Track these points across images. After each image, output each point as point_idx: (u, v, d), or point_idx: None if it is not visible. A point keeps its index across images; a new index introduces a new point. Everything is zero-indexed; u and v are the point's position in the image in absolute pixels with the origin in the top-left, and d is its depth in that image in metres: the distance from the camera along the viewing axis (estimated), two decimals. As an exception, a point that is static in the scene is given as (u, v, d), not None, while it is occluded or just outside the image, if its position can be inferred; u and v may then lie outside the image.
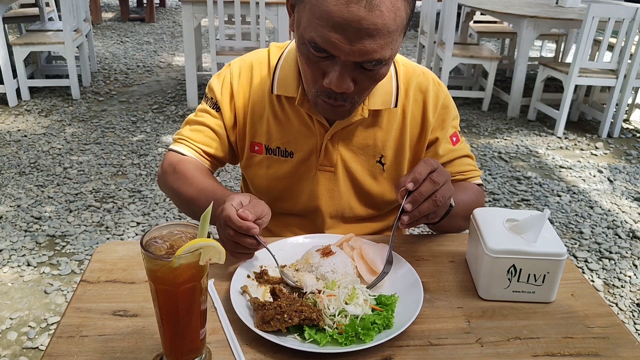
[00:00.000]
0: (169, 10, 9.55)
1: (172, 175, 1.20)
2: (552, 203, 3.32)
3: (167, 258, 0.72)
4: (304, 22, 0.95)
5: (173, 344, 0.80)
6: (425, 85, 1.21)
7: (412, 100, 1.20)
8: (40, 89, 4.83)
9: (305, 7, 0.94)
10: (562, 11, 4.64)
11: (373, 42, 0.91)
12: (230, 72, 1.23)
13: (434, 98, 1.21)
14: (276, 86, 1.18)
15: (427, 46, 5.49)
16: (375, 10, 0.88)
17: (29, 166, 3.45)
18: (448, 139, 1.24)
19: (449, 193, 1.00)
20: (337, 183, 1.23)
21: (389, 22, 0.91)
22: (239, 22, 4.19)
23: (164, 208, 3.03)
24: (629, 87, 4.21)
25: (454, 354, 0.85)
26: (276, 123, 1.21)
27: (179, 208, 1.27)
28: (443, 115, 1.22)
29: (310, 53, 0.97)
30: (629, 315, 2.36)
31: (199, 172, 1.20)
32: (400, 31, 0.95)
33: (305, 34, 0.95)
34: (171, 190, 1.22)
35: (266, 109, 1.21)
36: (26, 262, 2.48)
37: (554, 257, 0.95)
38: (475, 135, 4.36)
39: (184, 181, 1.18)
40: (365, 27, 0.89)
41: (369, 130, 1.20)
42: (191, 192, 1.16)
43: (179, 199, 1.21)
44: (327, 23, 0.90)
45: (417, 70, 1.22)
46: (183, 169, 1.19)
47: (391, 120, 1.20)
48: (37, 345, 2.00)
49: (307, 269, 0.99)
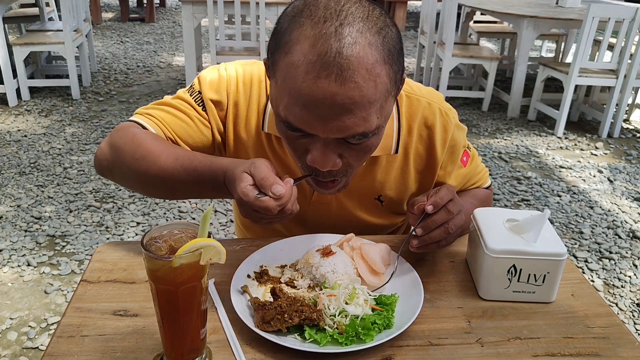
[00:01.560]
0: (169, 10, 9.55)
1: (131, 146, 0.98)
2: (552, 203, 3.32)
3: (168, 258, 0.72)
4: (277, 98, 0.86)
5: (173, 344, 0.80)
6: (431, 120, 1.09)
7: (417, 137, 1.10)
8: (40, 89, 4.83)
9: (277, 83, 0.85)
10: (562, 11, 4.64)
11: (352, 117, 0.80)
12: (227, 77, 1.10)
13: (441, 133, 1.10)
14: (267, 125, 1.08)
15: (427, 46, 5.49)
16: (349, 82, 0.78)
17: (29, 166, 3.45)
18: (460, 164, 1.16)
19: (460, 222, 0.98)
20: (330, 217, 1.17)
21: (368, 92, 0.79)
22: (239, 22, 4.20)
23: (164, 208, 3.03)
24: (629, 87, 4.21)
25: (454, 354, 0.85)
26: (274, 157, 1.12)
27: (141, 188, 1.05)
28: (453, 147, 1.13)
29: (287, 131, 0.87)
30: (629, 315, 2.36)
31: (167, 142, 1.03)
32: (386, 97, 0.84)
33: (279, 111, 0.86)
34: (128, 163, 0.99)
35: (263, 141, 1.11)
36: (26, 262, 2.48)
37: (554, 257, 0.95)
38: (475, 135, 4.36)
39: (149, 150, 0.97)
40: (340, 102, 0.79)
41: (367, 173, 1.11)
42: (162, 163, 0.96)
43: (143, 175, 0.99)
44: (298, 101, 0.81)
45: (422, 102, 1.09)
46: (148, 138, 1.00)
47: (391, 162, 1.11)
48: (37, 345, 2.00)
49: (307, 268, 0.99)
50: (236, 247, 1.10)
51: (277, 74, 0.85)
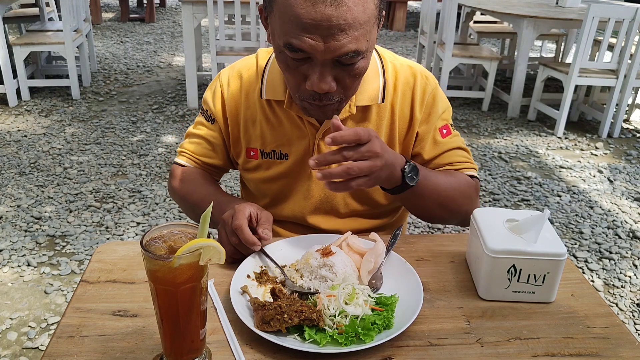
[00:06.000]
0: (169, 10, 9.55)
1: (177, 185, 1.30)
2: (552, 203, 3.32)
3: (167, 258, 0.72)
4: (277, 29, 0.99)
5: (173, 344, 0.80)
6: (412, 80, 1.21)
7: (400, 96, 1.21)
8: (40, 89, 4.84)
9: (276, 16, 0.98)
10: (562, 11, 4.64)
11: (346, 36, 0.94)
12: (220, 83, 1.26)
13: (420, 92, 1.21)
14: (265, 91, 1.20)
15: (427, 46, 5.49)
16: (342, 6, 0.92)
17: (29, 166, 3.45)
18: (437, 131, 1.23)
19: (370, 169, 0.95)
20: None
21: (358, 15, 0.94)
22: (239, 22, 4.19)
23: (164, 208, 3.03)
24: (629, 87, 4.20)
25: (454, 354, 0.85)
26: (269, 127, 1.22)
27: (188, 214, 1.37)
28: (430, 107, 1.22)
29: (288, 59, 1.00)
30: (629, 315, 2.36)
31: (202, 180, 1.29)
32: (373, 22, 0.98)
33: (280, 41, 0.98)
34: (178, 198, 1.32)
35: (258, 114, 1.23)
36: (26, 262, 2.48)
37: (554, 257, 0.95)
38: (475, 135, 4.36)
39: (188, 190, 1.28)
40: (336, 23, 0.92)
41: (359, 126, 1.20)
42: (195, 199, 1.25)
43: (185, 206, 1.32)
44: (298, 26, 0.93)
45: (405, 65, 1.23)
46: (187, 179, 1.29)
47: (380, 116, 1.21)
48: (37, 345, 2.00)
49: (307, 269, 0.99)
50: (236, 247, 1.10)
51: (274, 9, 0.98)
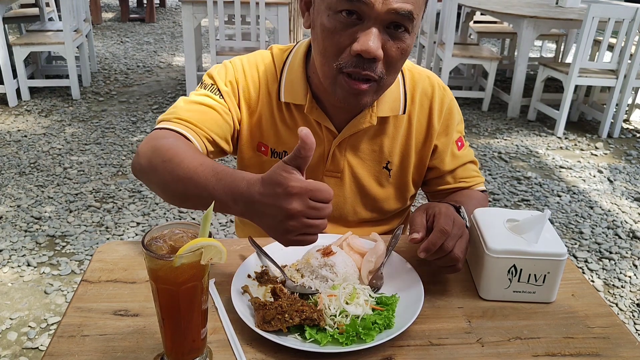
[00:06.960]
0: (169, 10, 9.55)
1: (163, 145, 1.00)
2: (552, 203, 3.32)
3: (169, 258, 0.72)
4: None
5: (174, 344, 0.80)
6: (430, 91, 1.21)
7: (418, 106, 1.21)
8: (40, 89, 4.84)
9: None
10: (562, 11, 4.65)
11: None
12: (233, 67, 1.18)
13: (439, 103, 1.21)
14: (283, 93, 1.16)
15: (427, 46, 5.50)
16: None
17: (29, 166, 3.45)
18: (454, 144, 1.25)
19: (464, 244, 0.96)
20: (343, 188, 1.23)
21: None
22: (239, 22, 4.19)
23: (164, 208, 3.03)
24: (629, 87, 4.21)
25: (455, 354, 0.85)
26: (285, 128, 1.19)
27: (166, 193, 1.00)
28: (447, 120, 1.23)
29: (337, 20, 0.96)
30: (629, 315, 2.36)
31: (195, 149, 1.03)
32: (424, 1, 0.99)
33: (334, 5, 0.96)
34: (158, 167, 0.98)
35: (275, 113, 1.19)
36: (26, 262, 2.48)
37: (555, 257, 0.95)
38: (475, 135, 4.36)
39: (177, 155, 0.96)
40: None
41: (376, 137, 1.20)
42: (187, 167, 0.93)
43: (170, 177, 0.96)
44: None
45: (423, 75, 1.22)
46: (181, 144, 1.01)
47: (397, 127, 1.20)
48: (37, 345, 2.00)
49: (308, 268, 0.99)
50: (236, 247, 1.10)
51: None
